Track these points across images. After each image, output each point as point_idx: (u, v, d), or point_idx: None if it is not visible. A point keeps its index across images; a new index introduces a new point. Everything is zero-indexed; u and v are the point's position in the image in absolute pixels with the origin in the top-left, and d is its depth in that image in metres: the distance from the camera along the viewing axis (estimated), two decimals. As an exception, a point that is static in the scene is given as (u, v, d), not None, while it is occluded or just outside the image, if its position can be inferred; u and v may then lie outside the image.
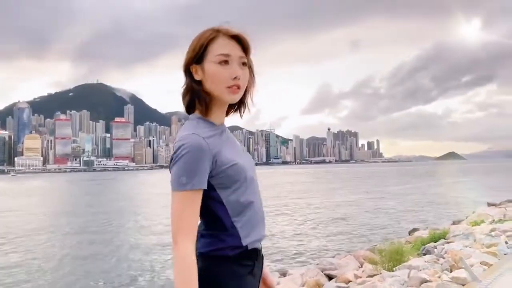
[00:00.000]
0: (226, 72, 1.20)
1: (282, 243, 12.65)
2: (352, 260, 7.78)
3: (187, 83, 1.27)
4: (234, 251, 1.22)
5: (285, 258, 10.62)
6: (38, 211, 23.98)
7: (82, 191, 50.57)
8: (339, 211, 20.41)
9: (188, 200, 1.15)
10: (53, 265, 10.57)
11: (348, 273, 6.56)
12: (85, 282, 8.86)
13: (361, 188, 38.49)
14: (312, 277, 6.40)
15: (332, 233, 14.40)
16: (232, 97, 1.23)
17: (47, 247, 13.10)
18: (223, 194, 1.22)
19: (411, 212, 19.40)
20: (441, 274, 4.22)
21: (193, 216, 1.15)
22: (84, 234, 15.47)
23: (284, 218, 18.21)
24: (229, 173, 1.21)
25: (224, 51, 1.20)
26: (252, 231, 1.25)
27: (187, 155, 1.14)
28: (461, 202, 22.40)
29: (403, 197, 27.05)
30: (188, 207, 1.15)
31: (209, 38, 1.22)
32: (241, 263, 1.23)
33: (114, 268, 10.05)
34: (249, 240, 1.24)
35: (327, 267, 7.16)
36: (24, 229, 16.86)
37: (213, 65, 1.21)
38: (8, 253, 12.15)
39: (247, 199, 1.25)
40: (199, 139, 1.17)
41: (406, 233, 12.68)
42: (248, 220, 1.25)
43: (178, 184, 1.14)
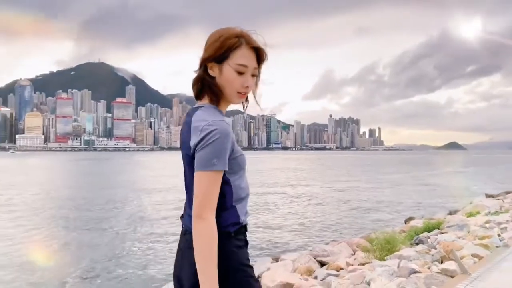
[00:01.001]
0: (240, 80, 1.35)
1: (278, 228, 12.68)
2: (345, 248, 7.76)
3: (200, 75, 1.39)
4: (234, 227, 1.38)
5: (279, 244, 10.64)
6: (34, 189, 24.06)
7: (81, 170, 50.71)
8: (337, 198, 20.44)
9: (216, 179, 1.28)
10: (49, 244, 10.61)
11: (340, 261, 6.55)
12: (81, 259, 8.90)
13: (360, 175, 38.52)
14: (304, 263, 6.39)
15: (329, 219, 14.43)
16: (238, 101, 1.41)
17: (43, 224, 13.14)
18: (232, 178, 1.37)
19: (409, 200, 19.42)
20: (431, 265, 4.18)
21: (216, 194, 1.29)
22: (78, 212, 15.52)
23: (282, 204, 18.24)
24: (238, 161, 1.38)
25: (243, 62, 1.34)
26: (246, 211, 1.44)
27: (219, 140, 1.27)
28: (460, 192, 22.40)
29: (402, 186, 27.06)
30: (215, 185, 1.28)
31: (234, 46, 1.34)
32: (238, 237, 1.39)
33: (105, 249, 10.09)
34: (244, 219, 1.42)
35: (319, 253, 7.13)
36: (21, 206, 16.92)
37: (231, 71, 1.34)
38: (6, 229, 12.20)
39: (245, 186, 1.44)
40: (227, 127, 1.31)
41: (402, 222, 12.71)
42: (244, 203, 1.43)
43: (210, 165, 1.26)
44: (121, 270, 8.19)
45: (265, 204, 18.00)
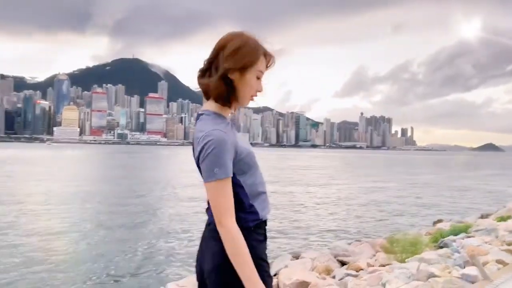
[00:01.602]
0: (256, 85, 1.47)
1: (303, 226, 12.61)
2: (367, 248, 7.62)
3: (219, 77, 1.42)
4: (254, 222, 1.45)
5: (302, 241, 10.58)
6: (66, 181, 24.90)
7: (115, 163, 52.09)
8: (366, 198, 20.11)
9: (223, 187, 1.34)
10: (76, 235, 10.95)
11: (360, 261, 6.43)
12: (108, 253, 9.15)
13: (391, 175, 37.75)
14: (323, 262, 6.32)
15: (355, 219, 14.22)
16: (248, 102, 1.50)
17: (72, 215, 13.59)
18: (242, 179, 1.44)
19: (440, 202, 18.89)
20: (452, 269, 4.03)
21: (229, 199, 1.35)
22: (110, 206, 15.94)
23: (309, 202, 18.11)
24: (246, 161, 1.44)
25: (262, 69, 1.47)
26: (265, 206, 1.50)
27: (215, 150, 1.33)
28: (494, 195, 21.59)
29: (433, 187, 26.34)
30: (224, 192, 1.34)
31: (260, 57, 1.45)
32: (257, 231, 1.46)
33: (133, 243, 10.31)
34: (264, 214, 1.48)
35: (340, 253, 7.04)
36: (53, 197, 17.57)
37: (253, 77, 1.44)
38: (34, 221, 12.69)
39: (260, 181, 1.50)
40: (222, 135, 1.36)
41: (431, 224, 12.37)
42: (262, 198, 1.49)
43: (212, 175, 1.33)
44: (150, 265, 8.34)
45: (291, 201, 17.94)
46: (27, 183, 22.79)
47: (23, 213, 13.37)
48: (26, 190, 19.59)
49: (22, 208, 14.34)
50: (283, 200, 18.10)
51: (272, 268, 6.82)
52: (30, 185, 21.48)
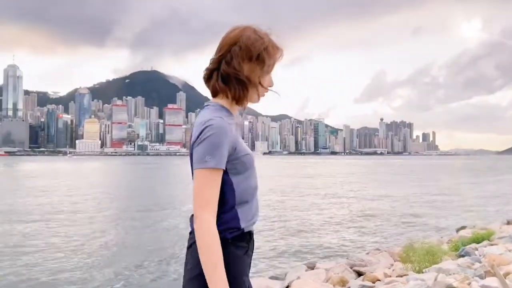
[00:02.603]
0: (267, 80, 1.44)
1: (321, 234, 12.37)
2: (385, 257, 7.37)
3: (227, 72, 1.37)
4: (232, 233, 1.31)
5: (319, 250, 10.35)
6: (86, 192, 25.24)
7: (134, 174, 52.66)
8: (388, 204, 19.71)
9: (211, 177, 1.25)
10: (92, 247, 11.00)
11: (377, 271, 6.20)
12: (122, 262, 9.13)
13: (413, 181, 36.96)
14: (338, 273, 6.11)
15: (376, 226, 13.90)
16: (258, 100, 1.45)
17: (90, 227, 13.69)
18: (235, 179, 1.34)
19: (464, 208, 18.33)
20: (472, 280, 3.80)
21: (214, 193, 1.25)
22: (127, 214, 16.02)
23: (328, 210, 17.81)
24: (243, 161, 1.35)
25: (273, 63, 1.43)
26: (250, 216, 1.37)
27: (212, 136, 1.25)
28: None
29: (457, 192, 25.60)
30: (210, 183, 1.25)
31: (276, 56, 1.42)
32: (237, 245, 1.32)
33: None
34: (246, 224, 1.35)
35: (356, 263, 6.82)
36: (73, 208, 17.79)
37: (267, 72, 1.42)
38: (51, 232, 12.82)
39: (254, 186, 1.40)
40: (224, 123, 1.29)
41: (454, 231, 11.96)
42: (250, 207, 1.37)
43: (203, 162, 1.25)
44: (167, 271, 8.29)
45: (310, 208, 17.69)
46: (51, 195, 23.17)
47: (50, 225, 13.55)
48: (49, 202, 19.90)
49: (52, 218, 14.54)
50: (302, 205, 17.89)
51: (286, 280, 6.63)
52: (52, 198, 21.83)
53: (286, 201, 20.23)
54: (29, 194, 23.81)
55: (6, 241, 11.11)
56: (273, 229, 12.82)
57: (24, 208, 17.89)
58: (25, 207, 18.05)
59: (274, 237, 11.69)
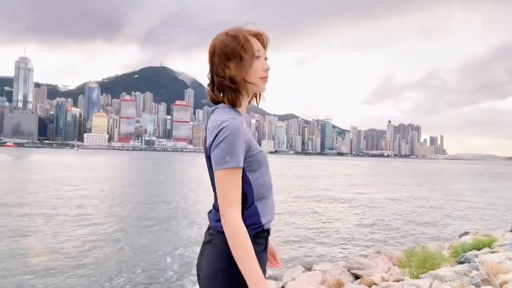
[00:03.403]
0: (260, 65, 1.42)
1: (322, 236, 12.28)
2: (384, 261, 7.28)
3: (219, 78, 1.42)
4: (255, 230, 1.36)
5: (318, 252, 10.27)
6: (91, 185, 25.35)
7: (143, 169, 52.86)
8: (393, 207, 19.57)
9: (232, 176, 1.29)
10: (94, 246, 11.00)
11: (375, 275, 6.12)
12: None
13: (419, 184, 36.69)
14: (335, 275, 6.04)
15: (380, 229, 13.77)
16: (264, 86, 1.45)
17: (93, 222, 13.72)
18: (251, 176, 1.38)
19: (469, 213, 18.14)
20: (467, 288, 3.72)
21: (237, 190, 1.30)
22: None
23: (332, 211, 17.71)
24: (258, 158, 1.39)
25: (257, 48, 1.42)
26: (268, 213, 1.42)
27: (229, 137, 1.29)
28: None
29: (463, 197, 25.31)
30: (232, 182, 1.29)
31: (247, 39, 1.42)
32: (257, 241, 1.36)
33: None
34: (266, 220, 1.40)
35: (354, 266, 6.74)
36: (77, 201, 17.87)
37: (252, 61, 1.41)
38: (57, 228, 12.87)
39: (269, 183, 1.44)
40: (238, 123, 1.33)
41: (457, 236, 11.83)
42: (267, 203, 1.42)
43: (223, 163, 1.28)
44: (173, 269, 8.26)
45: (312, 210, 17.59)
46: (55, 188, 23.32)
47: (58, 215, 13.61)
48: (53, 194, 20.01)
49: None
50: (305, 207, 17.81)
51: (282, 280, 6.58)
52: (53, 191, 21.95)
53: (291, 201, 20.14)
54: (35, 186, 23.96)
55: (8, 233, 11.16)
56: (276, 229, 12.75)
57: (29, 200, 18.01)
58: (29, 200, 18.16)
59: (275, 236, 11.63)
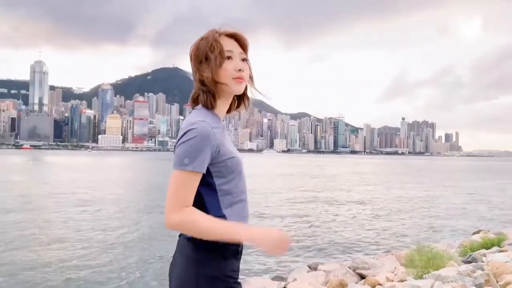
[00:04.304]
0: (231, 65, 1.37)
1: (333, 234, 12.16)
2: (391, 261, 7.17)
3: (197, 83, 1.42)
4: None
5: (327, 250, 10.16)
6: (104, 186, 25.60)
7: (153, 169, 53.25)
8: (408, 205, 19.32)
9: (187, 179, 1.26)
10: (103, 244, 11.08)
11: (380, 275, 6.03)
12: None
13: (433, 181, 36.19)
14: (339, 275, 5.95)
15: (392, 227, 13.58)
16: (237, 87, 1.39)
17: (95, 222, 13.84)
18: (218, 182, 1.34)
19: (484, 211, 17.82)
20: (469, 289, 3.61)
21: (188, 195, 1.27)
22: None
23: (344, 209, 17.56)
24: (228, 164, 1.34)
25: (228, 48, 1.38)
26: (240, 218, 1.37)
27: (194, 140, 1.26)
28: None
29: (479, 194, 24.87)
30: (185, 185, 1.26)
31: (215, 39, 1.39)
32: (226, 247, 1.32)
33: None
34: None
35: (360, 266, 6.64)
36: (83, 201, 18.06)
37: (219, 64, 1.37)
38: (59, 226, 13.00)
39: (239, 190, 1.39)
40: (207, 127, 1.30)
41: (470, 234, 11.61)
42: (235, 208, 1.37)
43: (180, 164, 1.26)
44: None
45: (325, 209, 17.47)
46: (69, 188, 23.62)
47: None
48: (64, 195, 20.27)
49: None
50: (318, 206, 17.71)
51: (287, 281, 6.52)
52: (68, 190, 22.23)
53: (302, 200, 20.04)
54: (51, 188, 24.31)
55: (22, 232, 11.32)
56: (285, 228, 12.68)
57: (39, 200, 18.26)
58: (41, 200, 18.42)
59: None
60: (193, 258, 1.30)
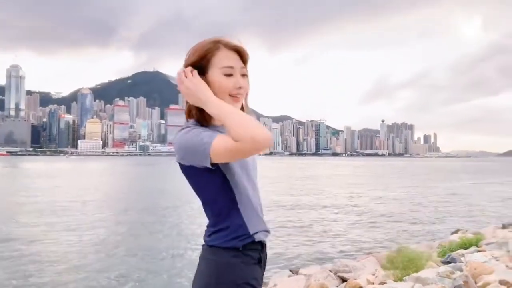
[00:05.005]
0: (231, 82, 1.28)
1: (316, 237, 12.14)
2: (372, 263, 7.15)
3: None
4: (243, 240, 1.28)
5: (309, 254, 10.13)
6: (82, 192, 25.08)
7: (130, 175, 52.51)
8: (388, 205, 19.49)
9: (219, 138, 1.19)
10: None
11: (361, 278, 6.00)
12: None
13: (412, 182, 36.71)
14: (320, 279, 5.90)
15: (372, 229, 13.66)
16: (234, 105, 1.30)
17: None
18: (233, 180, 1.30)
19: (463, 210, 18.14)
20: (448, 291, 3.60)
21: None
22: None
23: (326, 211, 17.60)
24: (238, 164, 1.31)
25: (229, 64, 1.28)
26: (257, 224, 1.33)
27: (192, 132, 1.24)
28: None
29: (457, 194, 25.31)
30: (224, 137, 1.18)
31: (212, 50, 1.29)
32: (247, 254, 1.29)
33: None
34: (254, 230, 1.31)
35: (341, 269, 6.60)
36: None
37: (218, 76, 1.28)
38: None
39: (255, 194, 1.37)
40: (185, 129, 1.29)
41: (449, 234, 11.75)
42: (252, 214, 1.33)
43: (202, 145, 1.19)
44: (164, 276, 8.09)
45: (306, 211, 17.46)
46: (47, 195, 23.02)
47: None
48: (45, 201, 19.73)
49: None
50: (298, 209, 17.68)
51: (269, 285, 6.43)
52: (47, 197, 21.67)
53: (284, 203, 20.01)
54: (26, 194, 23.66)
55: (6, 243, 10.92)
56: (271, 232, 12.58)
57: (20, 208, 17.73)
58: (21, 208, 17.88)
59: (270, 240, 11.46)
60: (215, 264, 1.27)
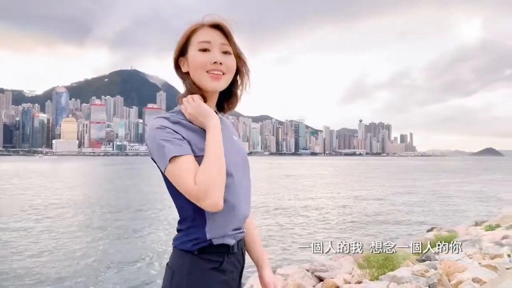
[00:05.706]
0: (206, 57, 1.21)
1: (297, 236, 12.15)
2: (349, 262, 7.17)
3: (178, 77, 1.30)
4: (197, 244, 1.19)
5: (287, 254, 10.11)
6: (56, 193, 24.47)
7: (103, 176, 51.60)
8: (364, 204, 19.74)
9: (180, 163, 1.11)
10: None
11: (338, 277, 6.00)
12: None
13: (389, 182, 37.29)
14: (297, 279, 5.87)
15: (350, 227, 13.76)
16: (213, 84, 1.22)
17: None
18: None
19: (437, 209, 18.50)
20: (422, 290, 3.60)
21: (189, 171, 1.11)
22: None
23: (305, 211, 17.64)
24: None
25: (204, 39, 1.22)
26: (221, 226, 1.20)
27: (154, 133, 1.16)
28: (491, 201, 21.17)
29: (430, 193, 25.84)
30: (182, 167, 1.11)
31: (191, 30, 1.25)
32: (205, 258, 1.19)
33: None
34: (218, 234, 1.19)
35: (318, 268, 6.60)
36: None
37: (194, 52, 1.22)
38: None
39: (232, 192, 1.21)
40: (161, 119, 1.19)
41: (424, 232, 11.95)
42: (221, 216, 1.18)
43: (166, 160, 1.12)
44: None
45: (285, 211, 17.46)
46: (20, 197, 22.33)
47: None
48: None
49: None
50: (279, 208, 17.67)
51: (246, 287, 6.35)
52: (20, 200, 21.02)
53: (265, 202, 19.97)
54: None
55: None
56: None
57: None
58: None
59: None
60: (171, 267, 1.20)
